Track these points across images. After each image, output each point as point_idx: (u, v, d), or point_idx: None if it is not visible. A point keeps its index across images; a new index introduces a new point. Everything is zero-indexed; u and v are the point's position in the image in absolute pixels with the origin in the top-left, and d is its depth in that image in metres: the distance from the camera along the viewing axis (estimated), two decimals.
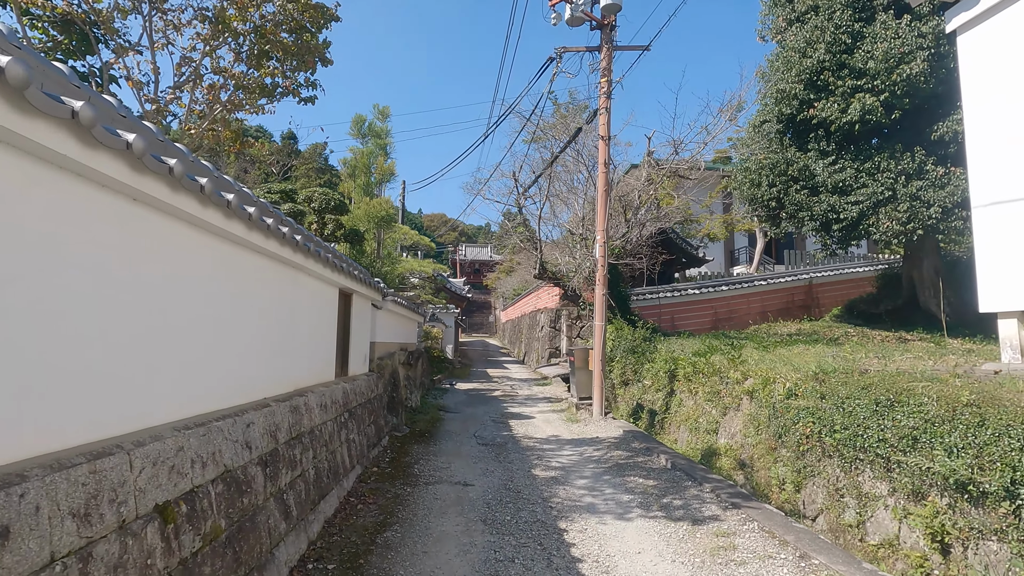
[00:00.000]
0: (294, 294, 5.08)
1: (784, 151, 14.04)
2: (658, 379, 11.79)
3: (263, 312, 4.30)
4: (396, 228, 18.01)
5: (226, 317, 3.65)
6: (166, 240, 2.97)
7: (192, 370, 3.23)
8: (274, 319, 4.55)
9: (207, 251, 3.40)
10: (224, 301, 3.63)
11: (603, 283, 11.06)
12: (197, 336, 3.27)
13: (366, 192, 13.29)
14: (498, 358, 31.79)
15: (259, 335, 4.22)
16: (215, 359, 3.51)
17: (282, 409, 4.34)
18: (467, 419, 11.15)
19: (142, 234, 2.75)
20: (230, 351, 3.71)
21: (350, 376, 7.42)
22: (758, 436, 7.68)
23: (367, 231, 12.91)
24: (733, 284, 18.97)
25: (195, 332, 3.25)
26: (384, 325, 9.88)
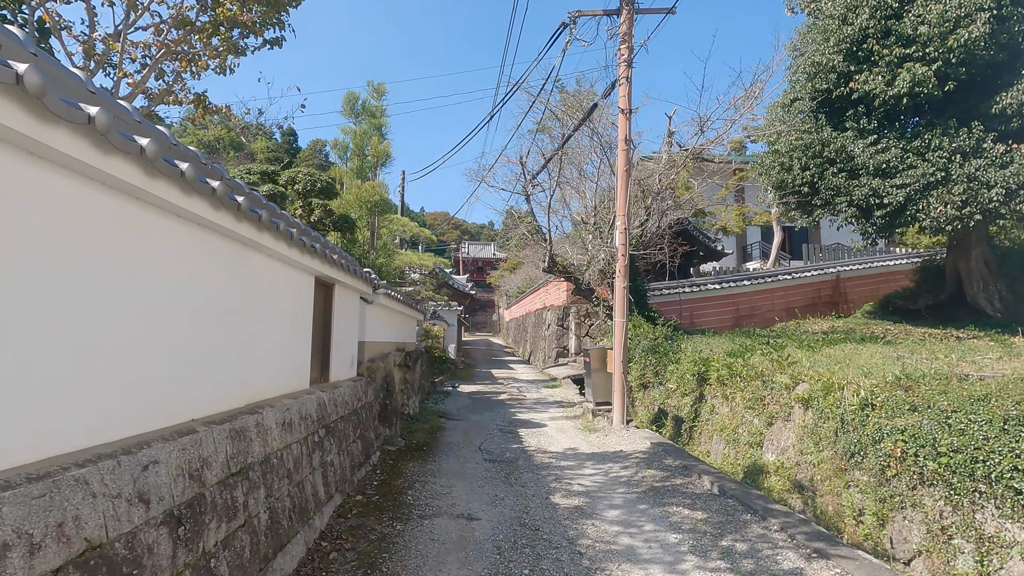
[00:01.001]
0: (243, 280, 3.86)
1: (818, 131, 12.74)
2: (684, 382, 10.54)
3: (187, 302, 3.08)
4: (394, 219, 16.80)
5: (111, 307, 2.43)
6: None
7: (33, 391, 2.01)
8: (210, 312, 3.33)
9: (81, 198, 2.19)
10: (108, 281, 2.42)
11: (624, 275, 9.81)
12: (41, 337, 2.05)
13: (359, 176, 12.11)
14: (503, 358, 30.58)
15: (181, 334, 3.01)
16: (87, 370, 2.30)
17: (215, 436, 3.12)
18: (471, 428, 9.93)
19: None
20: (119, 358, 2.49)
21: (331, 382, 6.21)
22: (819, 453, 6.44)
23: (359, 219, 11.71)
24: (755, 279, 17.70)
25: (35, 330, 2.03)
26: (376, 322, 8.67)
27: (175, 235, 2.95)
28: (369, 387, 7.47)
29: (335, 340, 6.36)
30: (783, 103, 14.06)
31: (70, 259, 2.21)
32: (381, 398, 8.02)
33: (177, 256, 2.99)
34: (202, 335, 3.24)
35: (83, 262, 2.28)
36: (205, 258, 3.30)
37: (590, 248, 14.45)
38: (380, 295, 8.07)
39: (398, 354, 9.97)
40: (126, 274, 2.55)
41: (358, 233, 11.77)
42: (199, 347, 3.20)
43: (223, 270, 3.56)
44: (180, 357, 2.99)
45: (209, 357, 3.34)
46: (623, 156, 9.84)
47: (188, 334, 3.08)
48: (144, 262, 2.70)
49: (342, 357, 6.70)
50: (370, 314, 8.16)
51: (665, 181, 12.82)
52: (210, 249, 3.37)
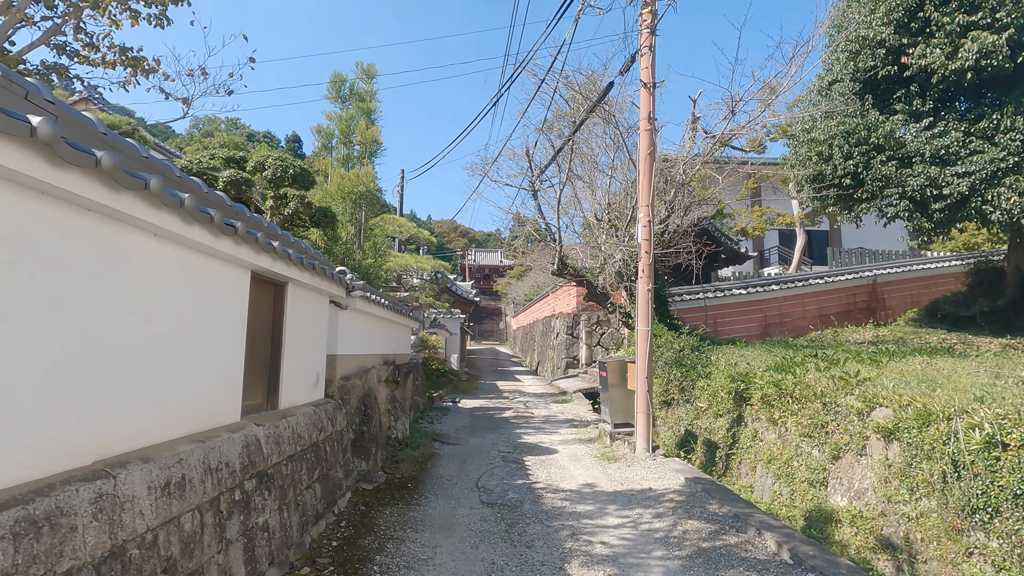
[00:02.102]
0: (113, 272, 2.48)
1: (863, 115, 11.28)
2: (718, 401, 9.05)
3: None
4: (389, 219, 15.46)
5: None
6: None
7: None
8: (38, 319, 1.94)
9: None
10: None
11: (648, 275, 8.37)
12: None
13: (345, 167, 10.79)
14: (509, 368, 29.13)
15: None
16: None
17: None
18: (469, 455, 8.48)
19: None
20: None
21: (281, 409, 4.80)
22: (917, 503, 4.94)
23: (343, 213, 10.33)
24: (785, 283, 16.16)
25: None
26: (354, 331, 7.27)
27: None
28: (339, 412, 6.05)
29: (288, 354, 4.96)
30: (819, 87, 12.61)
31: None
32: (357, 424, 6.60)
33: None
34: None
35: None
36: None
37: (604, 248, 13.01)
38: (357, 299, 6.67)
39: (384, 368, 8.56)
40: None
41: (340, 229, 10.38)
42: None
43: (54, 248, 2.17)
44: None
45: (16, 390, 1.95)
46: (646, 137, 8.43)
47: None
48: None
49: (300, 375, 5.30)
50: (345, 322, 6.76)
51: (689, 172, 11.38)
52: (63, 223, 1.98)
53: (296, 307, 5.15)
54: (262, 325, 4.61)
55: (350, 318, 6.98)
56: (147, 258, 2.89)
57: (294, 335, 5.10)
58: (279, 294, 4.90)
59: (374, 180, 10.67)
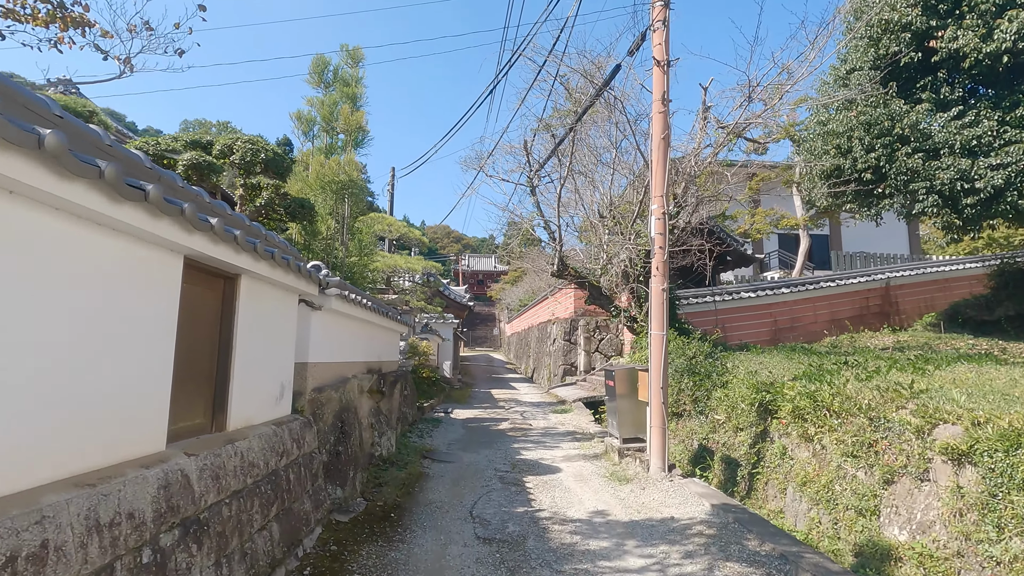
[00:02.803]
0: None
1: (886, 104, 10.53)
2: (738, 413, 8.18)
3: None
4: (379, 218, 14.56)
5: None
6: None
7: None
8: None
9: None
10: None
11: (663, 274, 7.52)
12: None
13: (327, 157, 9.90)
14: (504, 375, 28.20)
15: None
16: None
17: None
18: (463, 475, 7.55)
19: None
20: None
21: (229, 432, 3.87)
22: (1006, 543, 4.09)
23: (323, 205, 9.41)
24: (796, 286, 15.39)
25: None
26: (330, 336, 6.35)
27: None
28: (308, 430, 5.12)
29: (242, 363, 4.03)
30: (836, 76, 11.87)
31: None
32: (331, 443, 5.66)
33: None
34: None
35: None
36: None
37: (607, 247, 12.17)
38: (332, 297, 5.75)
39: (367, 377, 7.63)
40: None
41: (320, 223, 9.45)
42: None
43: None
44: None
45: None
46: (659, 120, 7.60)
47: None
48: None
49: (258, 388, 4.37)
50: (319, 325, 5.84)
51: (700, 164, 10.56)
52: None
53: (253, 306, 4.23)
54: (204, 327, 3.69)
55: (325, 321, 6.06)
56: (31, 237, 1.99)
57: (250, 340, 4.18)
58: (229, 289, 3.99)
59: (358, 169, 9.76)
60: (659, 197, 7.53)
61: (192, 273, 3.43)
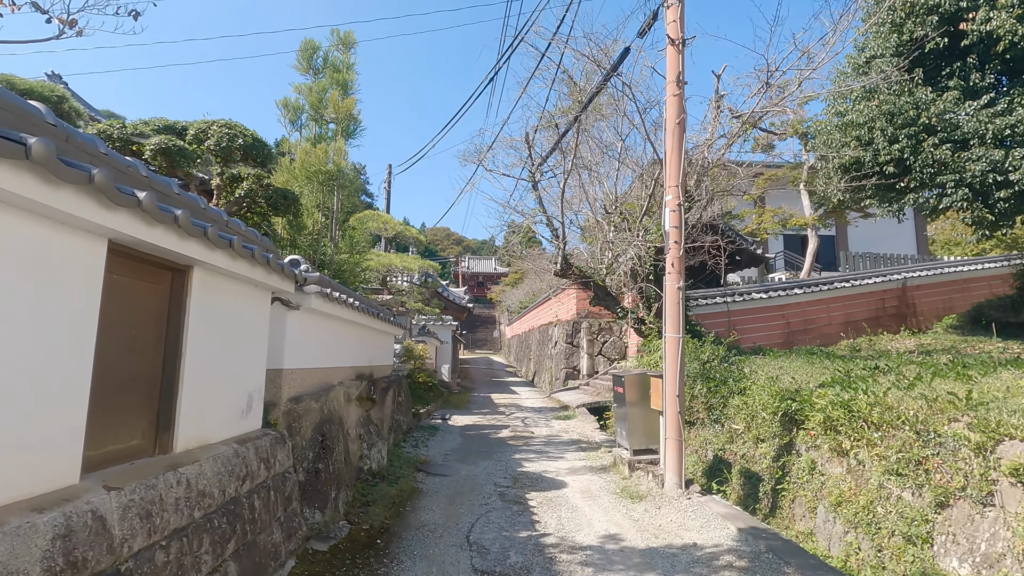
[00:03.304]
0: None
1: (911, 93, 9.91)
2: (759, 423, 7.53)
3: None
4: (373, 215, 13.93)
5: None
6: None
7: None
8: None
9: None
10: None
11: (678, 270, 6.87)
12: None
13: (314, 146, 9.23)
14: (504, 379, 27.55)
15: None
16: None
17: None
18: (459, 491, 6.90)
19: None
20: None
21: (176, 454, 3.24)
22: None
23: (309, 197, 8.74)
24: (809, 287, 14.75)
25: None
26: (311, 338, 5.71)
27: None
28: (281, 447, 4.48)
29: (194, 371, 3.40)
30: (855, 65, 11.25)
31: None
32: (310, 460, 5.02)
33: None
34: None
35: None
36: None
37: (613, 245, 11.54)
38: (312, 296, 5.12)
39: (355, 384, 6.99)
40: None
41: (307, 217, 8.78)
42: None
43: None
44: None
45: None
46: (674, 103, 6.97)
47: None
48: None
49: (217, 400, 3.73)
50: (297, 326, 5.20)
51: (712, 156, 9.93)
52: None
53: (210, 304, 3.59)
54: (143, 329, 3.05)
55: (305, 322, 5.42)
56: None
57: (206, 343, 3.54)
58: (179, 284, 3.35)
59: (345, 156, 9.10)
60: (674, 187, 6.90)
61: (122, 262, 2.79)
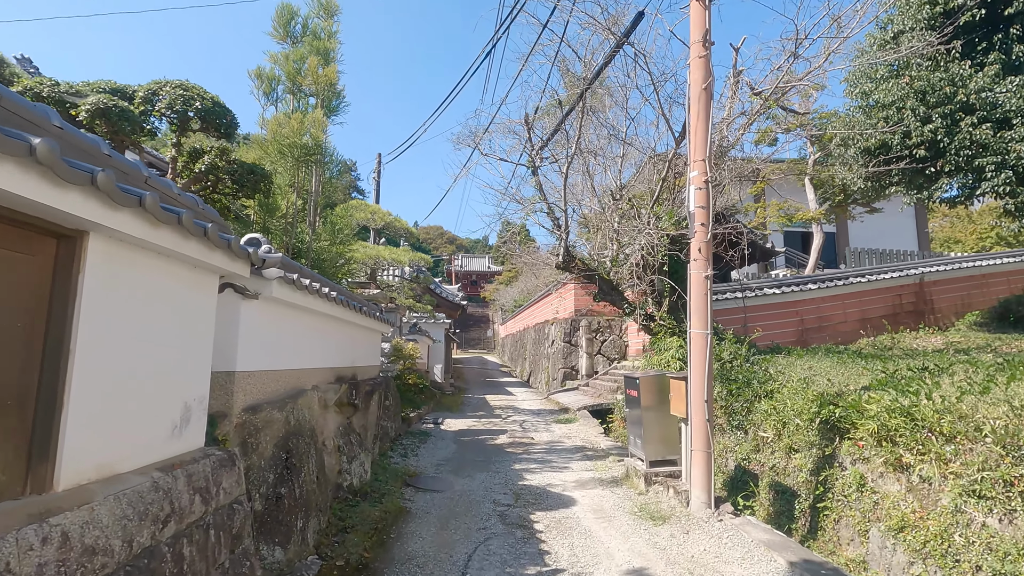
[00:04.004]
0: None
1: (946, 69, 9.11)
2: (793, 430, 6.66)
3: None
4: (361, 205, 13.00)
5: None
6: None
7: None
8: None
9: None
10: None
11: (706, 256, 6.00)
12: None
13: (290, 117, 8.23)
14: (499, 379, 26.65)
15: None
16: None
17: None
18: (453, 512, 5.98)
19: None
20: None
21: (59, 493, 2.30)
22: None
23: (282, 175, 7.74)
24: (823, 282, 13.95)
25: None
26: (274, 335, 4.76)
27: None
28: (228, 471, 3.54)
29: (89, 374, 2.46)
30: (881, 41, 10.44)
31: None
32: (271, 483, 4.07)
33: None
34: None
35: None
36: None
37: (622, 234, 10.66)
38: (273, 282, 4.17)
39: (333, 388, 6.05)
40: None
41: (279, 197, 7.78)
42: None
43: None
44: None
45: None
46: (700, 66, 6.09)
47: None
48: None
49: (131, 413, 2.79)
50: (255, 319, 4.26)
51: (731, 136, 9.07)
52: None
53: (118, 285, 2.65)
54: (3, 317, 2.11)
55: (267, 314, 4.48)
56: None
57: (111, 339, 2.60)
58: (65, 256, 2.41)
59: (325, 130, 8.08)
60: (700, 161, 6.01)
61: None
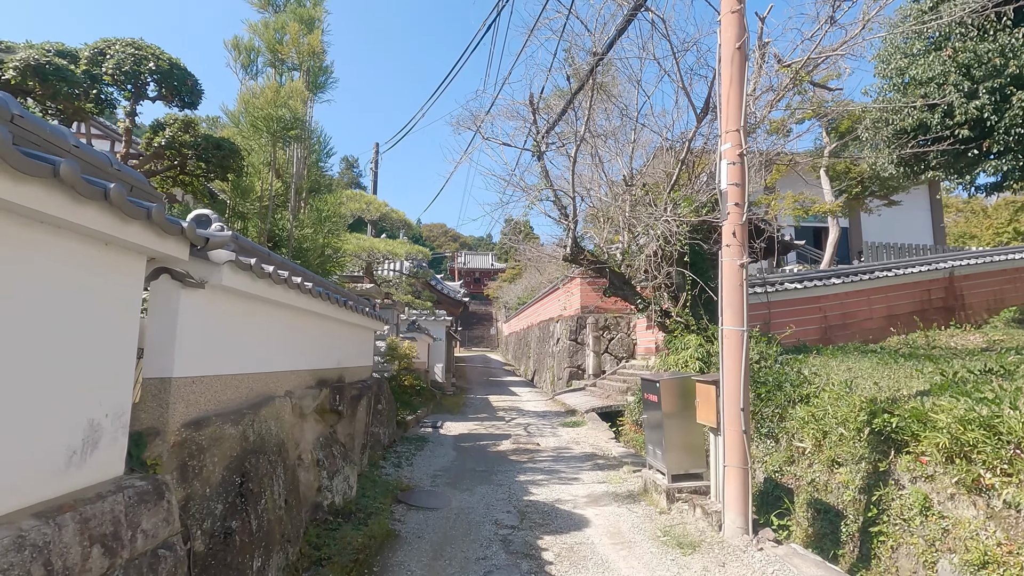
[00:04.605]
0: None
1: (993, 38, 8.25)
2: (835, 441, 5.83)
3: None
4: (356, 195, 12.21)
5: None
6: None
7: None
8: None
9: None
10: None
11: (741, 240, 5.18)
12: None
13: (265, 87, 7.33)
14: (502, 378, 25.88)
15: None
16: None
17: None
18: (449, 536, 5.20)
19: None
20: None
21: None
22: None
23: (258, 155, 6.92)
24: (847, 276, 13.09)
25: None
26: (228, 332, 3.97)
27: None
28: (153, 506, 2.76)
29: None
30: (917, 12, 9.58)
31: None
32: (218, 517, 3.29)
33: None
34: None
35: None
36: None
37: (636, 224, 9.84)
38: (223, 267, 3.39)
39: (310, 393, 5.27)
40: None
41: (253, 178, 6.96)
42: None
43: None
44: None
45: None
46: (732, 23, 5.26)
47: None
48: None
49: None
50: (202, 312, 3.47)
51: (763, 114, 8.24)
52: None
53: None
54: None
55: (219, 307, 3.70)
56: None
57: None
58: None
59: (305, 100, 7.21)
60: (734, 132, 5.19)
61: None
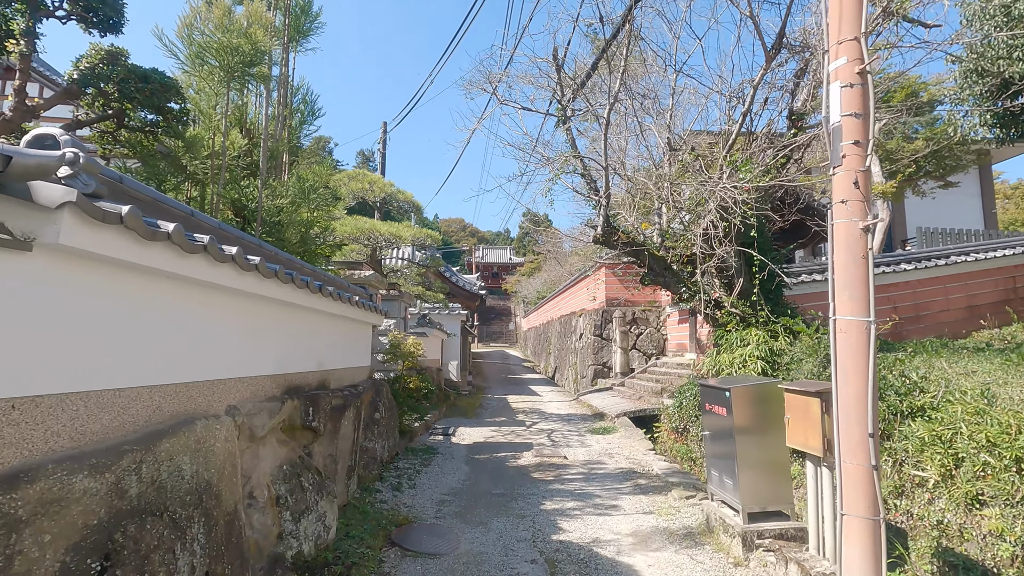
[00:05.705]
0: None
1: None
2: (976, 470, 4.28)
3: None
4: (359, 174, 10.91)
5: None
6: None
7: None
8: None
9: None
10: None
11: (864, 193, 3.65)
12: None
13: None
14: (522, 375, 24.49)
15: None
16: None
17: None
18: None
19: None
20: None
21: None
22: None
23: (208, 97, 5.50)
24: (920, 261, 11.39)
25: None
26: (108, 324, 2.60)
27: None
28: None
29: None
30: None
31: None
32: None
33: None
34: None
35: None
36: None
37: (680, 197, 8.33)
38: (63, 213, 2.02)
39: (270, 407, 3.91)
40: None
41: (202, 129, 5.53)
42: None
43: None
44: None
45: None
46: None
47: None
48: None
49: None
50: (46, 294, 2.11)
51: None
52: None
53: None
54: None
55: (77, 282, 2.34)
56: None
57: None
58: None
59: (269, 26, 5.72)
60: (851, 42, 3.66)
61: None
